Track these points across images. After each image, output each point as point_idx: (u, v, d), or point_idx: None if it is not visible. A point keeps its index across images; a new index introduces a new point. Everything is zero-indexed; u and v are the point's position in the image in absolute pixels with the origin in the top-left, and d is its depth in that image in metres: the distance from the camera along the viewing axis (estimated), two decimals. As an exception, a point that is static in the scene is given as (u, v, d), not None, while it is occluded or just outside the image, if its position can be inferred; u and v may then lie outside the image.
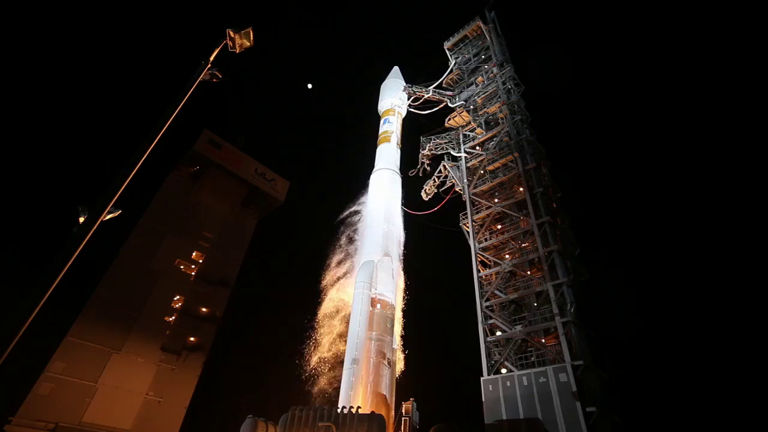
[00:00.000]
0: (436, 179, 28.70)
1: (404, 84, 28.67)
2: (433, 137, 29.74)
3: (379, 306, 16.58)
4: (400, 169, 23.50)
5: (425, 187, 29.05)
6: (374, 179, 21.88)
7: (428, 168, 29.44)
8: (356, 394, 14.29)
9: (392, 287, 17.83)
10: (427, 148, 29.27)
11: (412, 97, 29.05)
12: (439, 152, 29.59)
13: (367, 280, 16.65)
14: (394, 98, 26.62)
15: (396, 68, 29.88)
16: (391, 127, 24.40)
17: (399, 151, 23.86)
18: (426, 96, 29.46)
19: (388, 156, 22.65)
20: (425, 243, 34.24)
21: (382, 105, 26.68)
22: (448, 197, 27.43)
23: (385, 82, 28.65)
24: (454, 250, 29.22)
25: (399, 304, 19.22)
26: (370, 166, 23.97)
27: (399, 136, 24.44)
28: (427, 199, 28.74)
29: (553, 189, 24.40)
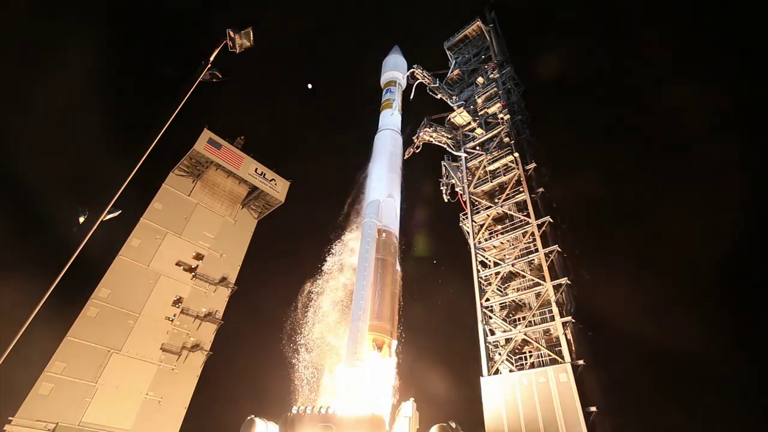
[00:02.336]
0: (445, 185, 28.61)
1: (404, 60, 29.18)
2: (435, 125, 29.78)
3: (384, 235, 18.66)
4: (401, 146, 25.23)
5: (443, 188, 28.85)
6: (378, 138, 24.16)
7: (417, 148, 29.49)
8: (365, 301, 15.67)
9: (395, 222, 19.77)
10: (427, 133, 29.20)
11: (417, 81, 29.33)
12: (435, 143, 29.60)
13: (374, 213, 18.78)
14: (396, 71, 27.90)
15: (397, 46, 30.51)
16: (392, 96, 26.34)
17: (400, 115, 25.81)
18: (431, 86, 29.69)
19: (389, 119, 25.00)
20: (425, 243, 34.23)
21: (385, 77, 28.19)
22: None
23: (386, 57, 29.45)
24: (453, 250, 29.24)
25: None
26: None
27: (399, 104, 26.29)
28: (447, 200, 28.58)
29: (553, 189, 24.41)
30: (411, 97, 29.52)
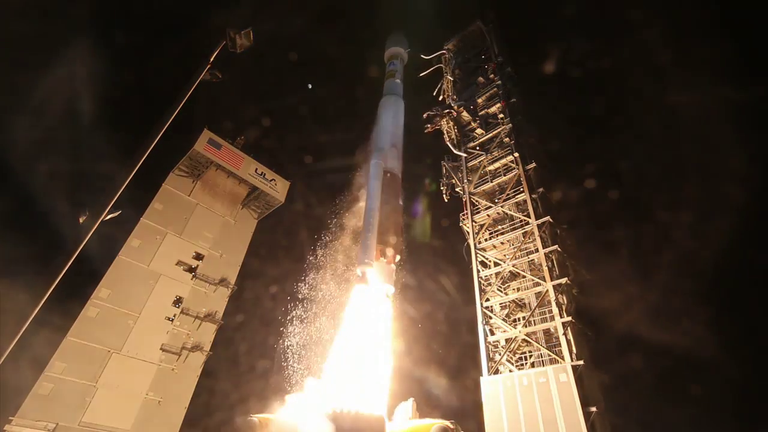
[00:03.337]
0: (445, 185, 28.72)
1: (405, 39, 30.88)
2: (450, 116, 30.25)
3: (389, 175, 21.51)
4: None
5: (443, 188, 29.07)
6: (383, 101, 26.85)
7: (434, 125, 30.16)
8: (374, 219, 18.67)
9: (398, 166, 22.49)
10: (451, 115, 29.61)
11: (437, 66, 29.87)
12: (445, 131, 29.92)
13: (380, 155, 21.61)
14: (398, 47, 29.67)
15: (399, 29, 32.16)
16: (395, 67, 28.86)
17: (401, 83, 28.07)
18: (448, 78, 30.16)
19: (392, 86, 27.60)
20: (424, 246, 34.23)
21: (389, 52, 29.89)
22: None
23: (390, 37, 30.99)
24: (453, 250, 29.22)
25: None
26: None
27: (402, 74, 28.71)
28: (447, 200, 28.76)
29: (553, 189, 24.41)
30: (423, 74, 31.43)
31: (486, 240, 24.66)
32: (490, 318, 21.60)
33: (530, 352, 20.00)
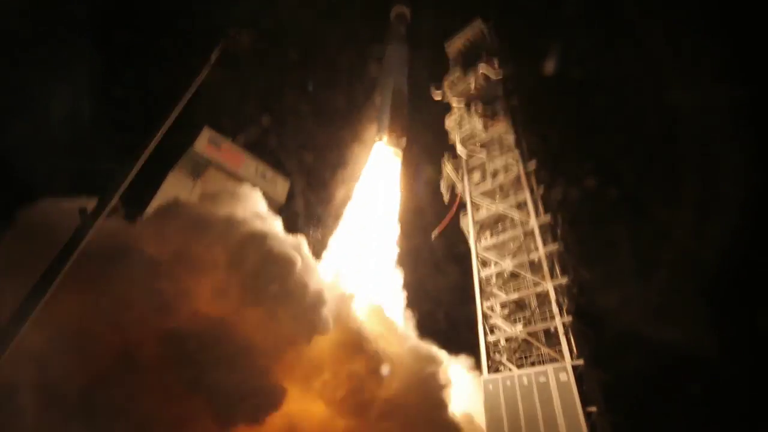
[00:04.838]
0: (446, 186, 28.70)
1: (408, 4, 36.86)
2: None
3: (396, 89, 30.10)
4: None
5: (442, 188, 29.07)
6: (388, 49, 34.11)
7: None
8: (386, 110, 27.82)
9: (404, 83, 30.79)
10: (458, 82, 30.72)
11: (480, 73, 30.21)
12: (454, 101, 30.61)
13: (389, 73, 30.78)
14: (402, 7, 36.09)
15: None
16: (399, 23, 35.57)
17: (404, 33, 35.00)
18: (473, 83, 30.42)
19: (398, 36, 34.65)
20: (422, 245, 34.21)
21: (394, 11, 35.93)
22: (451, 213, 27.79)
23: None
24: (454, 250, 29.23)
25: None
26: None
27: (404, 27, 35.46)
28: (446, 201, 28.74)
29: (553, 188, 24.36)
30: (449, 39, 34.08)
31: (486, 239, 24.63)
32: (490, 317, 21.58)
33: (530, 351, 20.00)
